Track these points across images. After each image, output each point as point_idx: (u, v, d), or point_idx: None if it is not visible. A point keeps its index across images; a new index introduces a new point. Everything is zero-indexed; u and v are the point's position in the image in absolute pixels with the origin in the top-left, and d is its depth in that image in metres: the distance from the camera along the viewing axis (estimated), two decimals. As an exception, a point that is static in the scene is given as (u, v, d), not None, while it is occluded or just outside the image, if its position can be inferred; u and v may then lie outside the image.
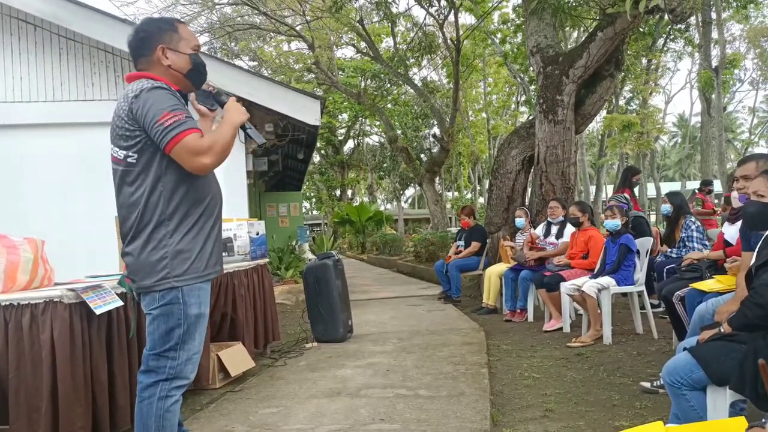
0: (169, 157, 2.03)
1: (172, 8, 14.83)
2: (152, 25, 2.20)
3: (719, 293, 3.31)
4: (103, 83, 6.60)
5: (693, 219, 5.26)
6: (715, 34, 15.80)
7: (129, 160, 2.07)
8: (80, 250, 5.52)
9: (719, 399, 2.14)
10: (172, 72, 2.16)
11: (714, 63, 15.58)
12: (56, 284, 2.86)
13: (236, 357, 3.96)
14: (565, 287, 5.08)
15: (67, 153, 6.38)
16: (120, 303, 2.75)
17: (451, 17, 12.92)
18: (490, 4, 15.03)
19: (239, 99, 6.57)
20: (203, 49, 13.17)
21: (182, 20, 2.36)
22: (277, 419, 3.15)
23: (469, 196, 30.63)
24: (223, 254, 4.24)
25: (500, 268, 6.48)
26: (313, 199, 35.83)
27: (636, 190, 6.14)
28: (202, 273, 2.14)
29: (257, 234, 4.61)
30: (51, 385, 2.45)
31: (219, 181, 2.37)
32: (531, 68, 10.42)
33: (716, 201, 10.77)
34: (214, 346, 3.86)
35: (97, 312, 2.62)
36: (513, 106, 24.89)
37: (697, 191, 8.91)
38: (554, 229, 6.10)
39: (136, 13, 31.71)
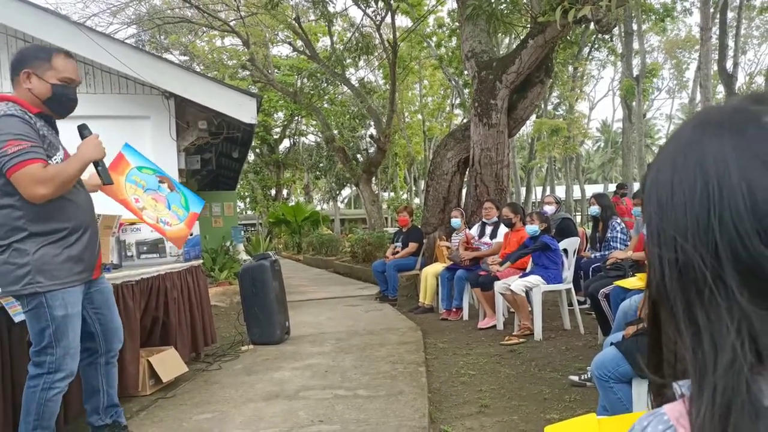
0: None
1: (97, -2, 14.12)
2: (29, 51, 2.44)
3: (641, 290, 3.50)
4: None
5: (618, 220, 5.54)
6: (636, 45, 16.69)
7: None
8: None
9: (643, 391, 2.27)
10: (32, 96, 2.34)
11: (635, 72, 16.47)
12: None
13: (168, 362, 3.82)
14: (498, 286, 5.23)
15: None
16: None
17: (388, 19, 13.01)
18: (426, 8, 15.28)
19: (171, 95, 6.40)
20: (130, 41, 12.62)
21: (68, 52, 2.47)
22: (212, 425, 3.07)
23: (405, 196, 30.92)
24: (155, 256, 4.13)
25: (436, 267, 6.59)
26: (248, 199, 35.09)
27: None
28: (64, 280, 2.35)
29: (190, 234, 4.46)
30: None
31: None
32: (466, 72, 10.66)
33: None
34: (145, 351, 3.70)
35: (17, 319, 2.47)
36: (448, 108, 25.38)
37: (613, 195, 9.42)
38: (488, 230, 6.26)
39: None
